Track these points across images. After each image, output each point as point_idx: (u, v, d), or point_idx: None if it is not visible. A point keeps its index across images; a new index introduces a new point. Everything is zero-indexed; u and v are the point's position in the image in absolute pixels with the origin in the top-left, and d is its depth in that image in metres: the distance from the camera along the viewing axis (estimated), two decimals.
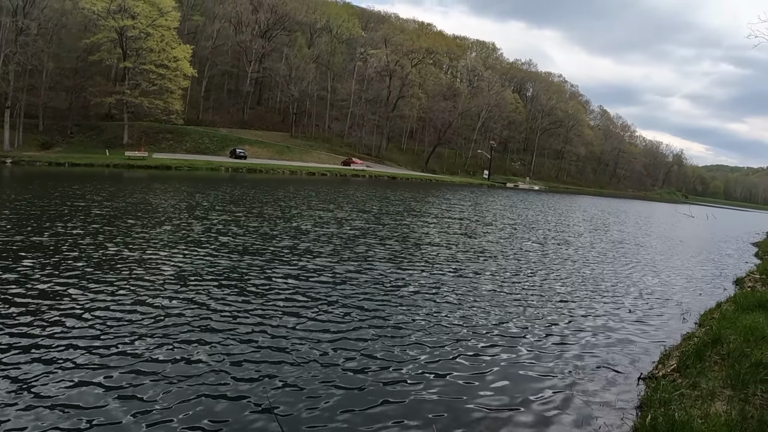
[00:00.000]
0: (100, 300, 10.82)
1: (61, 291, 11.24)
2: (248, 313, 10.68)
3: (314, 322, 10.44)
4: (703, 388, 7.67)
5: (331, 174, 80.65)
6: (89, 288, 11.55)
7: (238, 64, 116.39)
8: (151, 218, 22.38)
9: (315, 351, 8.94)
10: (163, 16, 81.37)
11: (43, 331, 8.96)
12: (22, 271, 12.60)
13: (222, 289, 12.35)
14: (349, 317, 10.89)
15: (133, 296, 11.24)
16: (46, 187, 33.86)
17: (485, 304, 12.94)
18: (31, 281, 11.80)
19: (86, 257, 14.52)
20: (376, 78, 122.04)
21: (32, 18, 69.84)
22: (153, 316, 10.10)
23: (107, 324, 9.49)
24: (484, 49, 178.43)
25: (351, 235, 21.93)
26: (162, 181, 45.59)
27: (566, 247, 24.88)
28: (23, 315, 9.65)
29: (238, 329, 9.72)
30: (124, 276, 12.83)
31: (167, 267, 14.13)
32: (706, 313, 13.13)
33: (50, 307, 10.20)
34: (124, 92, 78.69)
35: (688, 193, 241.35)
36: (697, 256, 27.03)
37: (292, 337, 9.50)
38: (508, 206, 51.29)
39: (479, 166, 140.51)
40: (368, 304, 12.01)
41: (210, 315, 10.40)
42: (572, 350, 10.12)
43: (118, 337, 8.95)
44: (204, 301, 11.25)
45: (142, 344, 8.69)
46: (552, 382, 8.55)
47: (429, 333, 10.35)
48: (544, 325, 11.53)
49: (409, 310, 11.70)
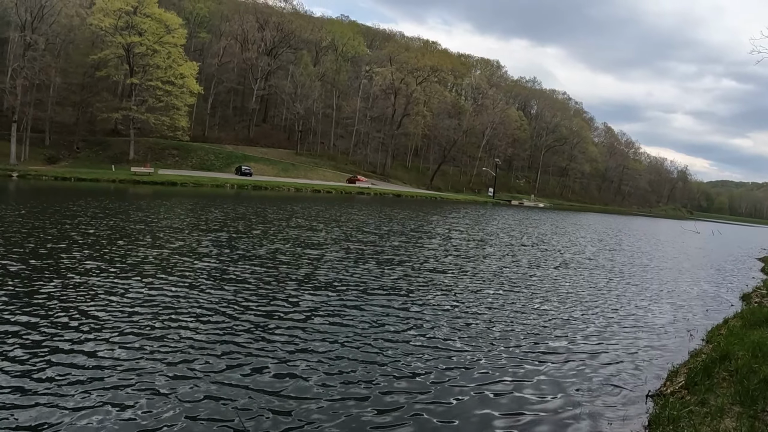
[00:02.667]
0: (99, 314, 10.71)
1: (69, 303, 11.16)
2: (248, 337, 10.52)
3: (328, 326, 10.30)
4: (711, 405, 7.55)
5: (336, 191, 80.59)
6: (96, 296, 11.47)
7: (243, 82, 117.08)
8: (164, 235, 22.34)
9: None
10: (170, 33, 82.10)
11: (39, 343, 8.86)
12: (38, 288, 12.52)
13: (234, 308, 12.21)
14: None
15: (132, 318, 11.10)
16: (52, 201, 33.87)
17: (490, 318, 12.87)
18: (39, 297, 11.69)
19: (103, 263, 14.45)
20: (381, 96, 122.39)
21: (40, 33, 70.57)
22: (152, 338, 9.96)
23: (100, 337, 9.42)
24: (489, 67, 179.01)
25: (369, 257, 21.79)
26: (168, 198, 45.66)
27: (571, 263, 24.64)
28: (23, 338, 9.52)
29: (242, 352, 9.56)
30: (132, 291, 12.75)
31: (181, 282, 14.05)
32: (714, 329, 13.00)
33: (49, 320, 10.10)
34: (130, 108, 79.23)
35: (693, 209, 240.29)
36: (703, 272, 26.82)
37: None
38: (514, 224, 51.10)
39: (484, 184, 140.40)
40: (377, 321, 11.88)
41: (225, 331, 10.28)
42: (579, 367, 10.00)
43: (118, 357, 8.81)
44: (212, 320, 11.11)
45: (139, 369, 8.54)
46: (559, 399, 8.46)
47: (436, 349, 10.27)
48: (551, 342, 11.41)
49: (419, 330, 11.57)
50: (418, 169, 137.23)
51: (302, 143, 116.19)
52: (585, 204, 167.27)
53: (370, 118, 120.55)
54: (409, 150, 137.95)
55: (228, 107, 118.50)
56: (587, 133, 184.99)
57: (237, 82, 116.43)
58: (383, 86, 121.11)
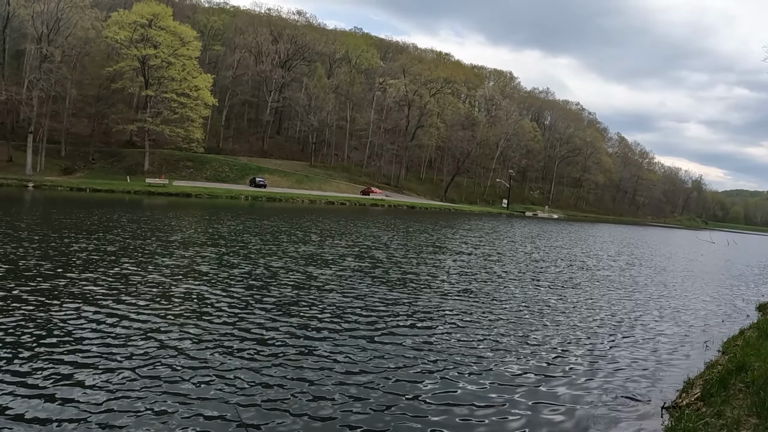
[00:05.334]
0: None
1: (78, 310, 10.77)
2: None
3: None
4: (727, 417, 7.46)
5: (350, 203, 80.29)
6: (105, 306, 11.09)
7: (258, 94, 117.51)
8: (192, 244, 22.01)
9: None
10: (185, 46, 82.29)
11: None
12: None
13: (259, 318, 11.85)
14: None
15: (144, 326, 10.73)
16: (68, 213, 33.68)
17: (511, 330, 12.90)
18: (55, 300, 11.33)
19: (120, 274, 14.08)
20: (394, 108, 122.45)
21: (56, 45, 70.94)
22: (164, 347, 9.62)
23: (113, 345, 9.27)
24: (502, 78, 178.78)
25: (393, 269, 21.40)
26: (182, 209, 45.50)
27: (588, 274, 24.46)
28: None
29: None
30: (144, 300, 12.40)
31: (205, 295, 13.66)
32: (730, 340, 12.93)
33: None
34: (145, 120, 79.34)
35: (708, 219, 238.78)
36: (718, 282, 26.78)
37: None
38: (532, 236, 50.65)
39: (498, 195, 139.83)
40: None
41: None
42: (595, 379, 9.94)
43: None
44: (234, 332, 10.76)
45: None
46: (574, 411, 8.40)
47: (458, 356, 10.45)
48: (567, 354, 11.35)
49: (438, 336, 11.77)
50: (432, 181, 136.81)
51: (316, 155, 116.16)
52: (599, 215, 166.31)
53: (384, 129, 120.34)
54: (422, 161, 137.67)
55: (242, 119, 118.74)
56: (601, 143, 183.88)
57: (251, 94, 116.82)
58: (397, 98, 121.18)
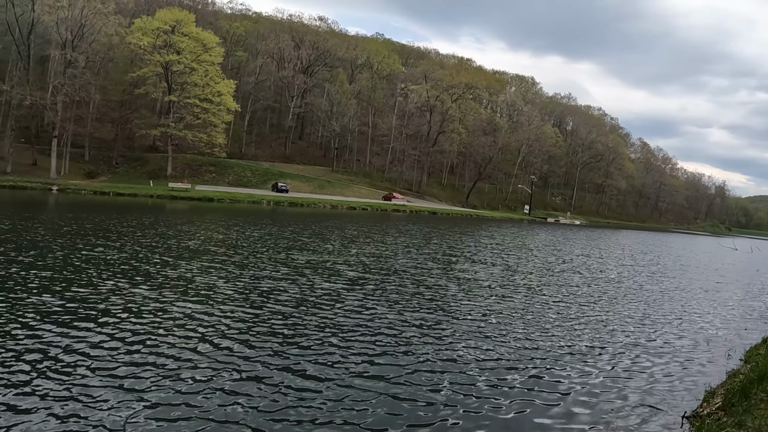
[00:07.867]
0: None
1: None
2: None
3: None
4: (749, 427, 7.30)
5: (371, 209, 79.84)
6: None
7: (280, 99, 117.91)
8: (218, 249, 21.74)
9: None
10: (207, 52, 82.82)
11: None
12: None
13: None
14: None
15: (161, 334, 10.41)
16: (93, 217, 33.62)
17: (528, 334, 12.80)
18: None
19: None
20: (416, 113, 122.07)
21: (80, 51, 71.62)
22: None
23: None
24: (523, 84, 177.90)
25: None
26: (206, 213, 45.39)
27: (612, 282, 23.86)
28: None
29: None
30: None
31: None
32: (752, 348, 12.70)
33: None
34: (168, 125, 79.81)
35: (731, 225, 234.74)
36: (741, 290, 26.18)
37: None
38: (556, 242, 50.00)
39: (520, 201, 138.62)
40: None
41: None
42: (615, 387, 9.77)
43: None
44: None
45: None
46: (594, 419, 8.30)
47: (476, 365, 10.27)
48: (587, 363, 11.09)
49: (461, 340, 11.76)
50: (453, 187, 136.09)
51: (338, 160, 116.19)
52: (621, 221, 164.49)
53: (406, 135, 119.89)
54: (444, 167, 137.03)
55: (264, 124, 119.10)
56: (623, 149, 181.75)
57: (273, 99, 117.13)
58: (418, 103, 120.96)
